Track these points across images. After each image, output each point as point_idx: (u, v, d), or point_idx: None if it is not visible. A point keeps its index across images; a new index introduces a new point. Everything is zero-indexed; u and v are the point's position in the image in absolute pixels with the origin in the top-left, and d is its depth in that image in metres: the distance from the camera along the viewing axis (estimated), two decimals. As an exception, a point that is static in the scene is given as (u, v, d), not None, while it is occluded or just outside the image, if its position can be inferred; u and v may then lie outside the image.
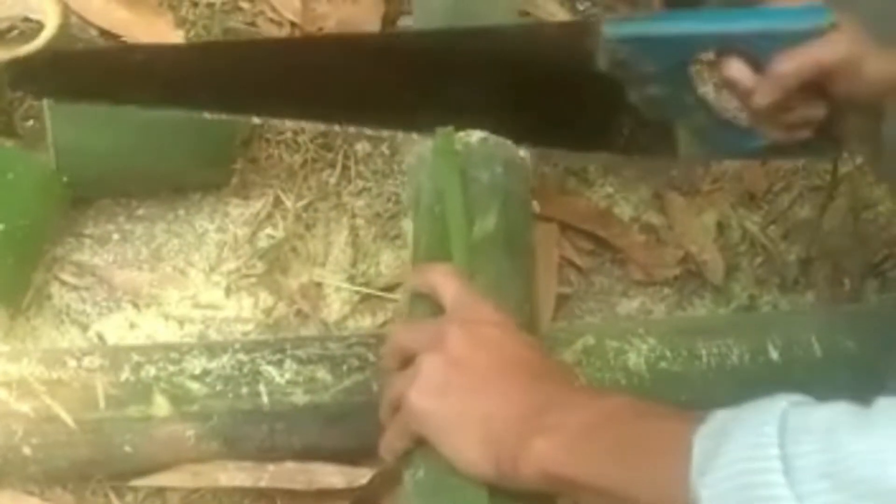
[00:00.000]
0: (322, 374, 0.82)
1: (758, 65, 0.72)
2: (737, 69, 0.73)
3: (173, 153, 0.96)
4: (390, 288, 0.97)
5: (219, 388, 0.81)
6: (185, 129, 0.95)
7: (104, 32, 1.07)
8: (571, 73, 0.78)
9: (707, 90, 0.76)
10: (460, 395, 0.64)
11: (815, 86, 0.72)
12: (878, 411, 0.52)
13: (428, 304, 0.72)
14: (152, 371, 0.81)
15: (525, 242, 0.80)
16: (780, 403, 0.55)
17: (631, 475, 0.59)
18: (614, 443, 0.61)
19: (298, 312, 0.95)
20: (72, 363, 0.81)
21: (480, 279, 0.74)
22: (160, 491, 0.84)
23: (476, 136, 0.82)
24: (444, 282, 0.71)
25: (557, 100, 0.81)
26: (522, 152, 0.84)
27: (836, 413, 0.53)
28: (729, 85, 0.74)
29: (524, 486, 0.63)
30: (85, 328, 0.93)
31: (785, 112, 0.74)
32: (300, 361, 0.83)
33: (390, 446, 0.69)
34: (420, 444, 0.67)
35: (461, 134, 0.82)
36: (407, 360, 0.68)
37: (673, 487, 0.55)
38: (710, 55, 0.75)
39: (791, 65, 0.71)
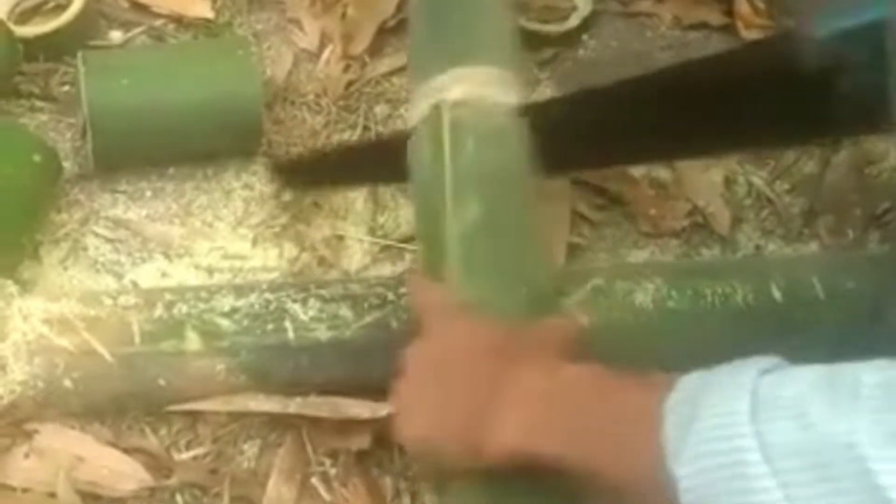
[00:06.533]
0: (344, 311, 0.86)
1: None
2: None
3: (204, 123, 1.01)
4: (408, 239, 1.01)
5: (246, 324, 0.85)
6: (216, 102, 1.00)
7: (134, 3, 1.12)
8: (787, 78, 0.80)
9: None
10: (429, 413, 0.69)
11: None
12: (849, 388, 0.51)
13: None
14: (184, 308, 0.85)
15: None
16: (750, 373, 0.55)
17: (598, 450, 0.60)
18: (574, 417, 0.62)
19: (321, 261, 0.99)
20: (108, 302, 0.86)
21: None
22: (192, 426, 0.88)
23: None
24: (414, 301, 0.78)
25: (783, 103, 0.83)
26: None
27: (808, 388, 0.53)
28: None
29: (506, 467, 0.65)
30: (119, 277, 0.97)
31: None
32: (323, 300, 0.87)
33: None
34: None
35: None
36: None
37: (644, 463, 0.56)
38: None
39: None
